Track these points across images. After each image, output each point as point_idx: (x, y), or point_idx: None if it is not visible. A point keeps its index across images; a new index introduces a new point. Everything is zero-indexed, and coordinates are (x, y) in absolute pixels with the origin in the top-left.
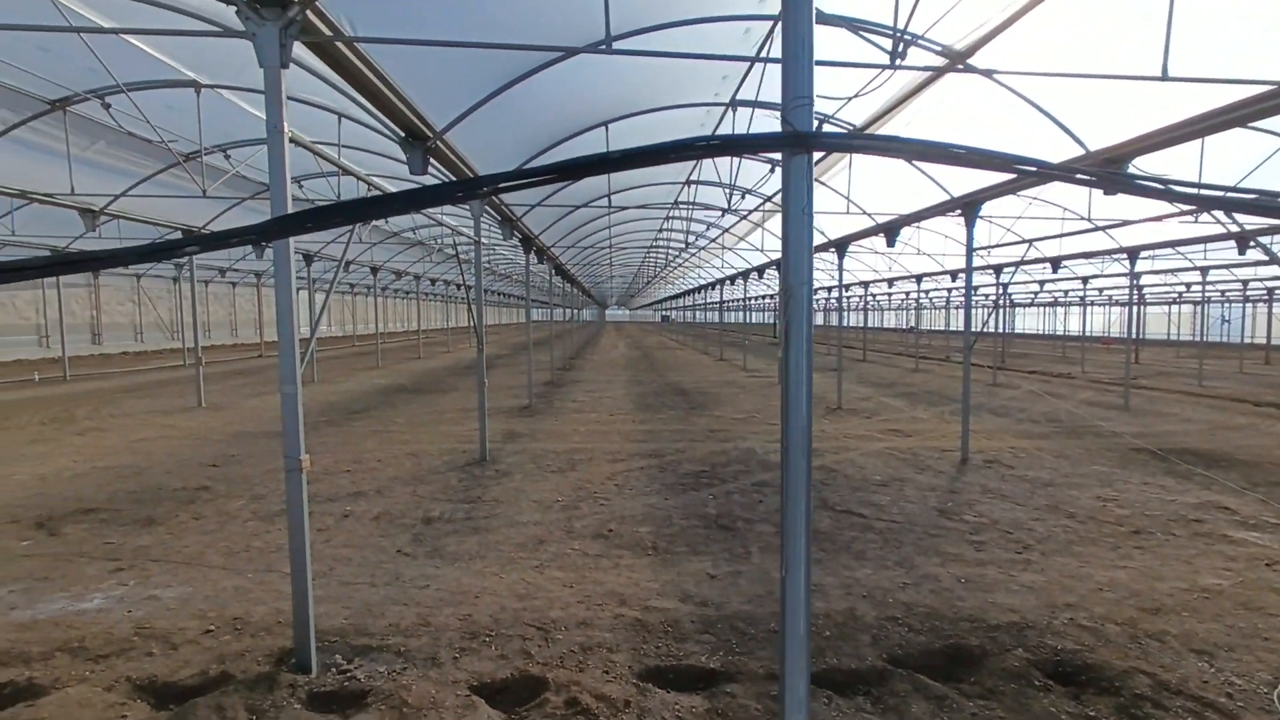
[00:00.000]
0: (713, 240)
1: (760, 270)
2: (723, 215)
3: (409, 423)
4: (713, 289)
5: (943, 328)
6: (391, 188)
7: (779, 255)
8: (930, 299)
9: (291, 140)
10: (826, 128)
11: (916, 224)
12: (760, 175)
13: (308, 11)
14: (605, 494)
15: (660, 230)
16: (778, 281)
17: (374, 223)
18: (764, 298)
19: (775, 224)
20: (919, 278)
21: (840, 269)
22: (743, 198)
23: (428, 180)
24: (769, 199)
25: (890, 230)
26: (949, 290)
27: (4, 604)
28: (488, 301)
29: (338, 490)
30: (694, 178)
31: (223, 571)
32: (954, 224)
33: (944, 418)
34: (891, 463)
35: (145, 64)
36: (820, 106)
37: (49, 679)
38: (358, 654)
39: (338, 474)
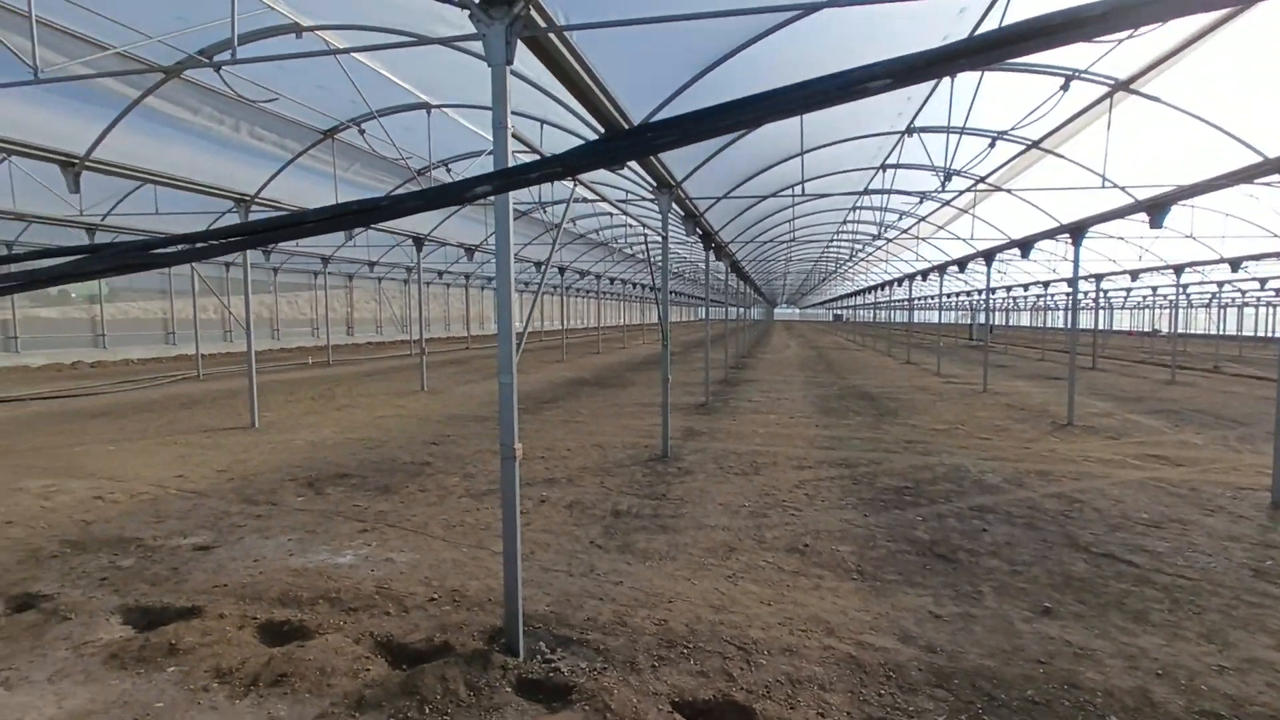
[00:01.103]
0: (904, 231)
1: (962, 263)
2: (920, 202)
3: (593, 414)
4: (898, 285)
5: (1207, 330)
6: (588, 194)
7: (990, 244)
8: (1188, 295)
9: (513, 136)
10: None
11: (1191, 200)
12: (976, 152)
13: (530, 9)
14: (794, 503)
15: (845, 221)
16: (982, 275)
17: (565, 225)
18: (961, 294)
19: (989, 208)
20: (1179, 268)
21: (1076, 260)
22: (947, 180)
23: (626, 177)
24: (982, 180)
25: (1158, 208)
26: (1220, 285)
27: (284, 550)
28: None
29: (534, 475)
30: (891, 160)
31: (442, 543)
32: (1240, 198)
33: (1230, 445)
34: (1161, 499)
35: (391, 92)
36: None
37: (314, 623)
38: (560, 644)
39: (533, 459)
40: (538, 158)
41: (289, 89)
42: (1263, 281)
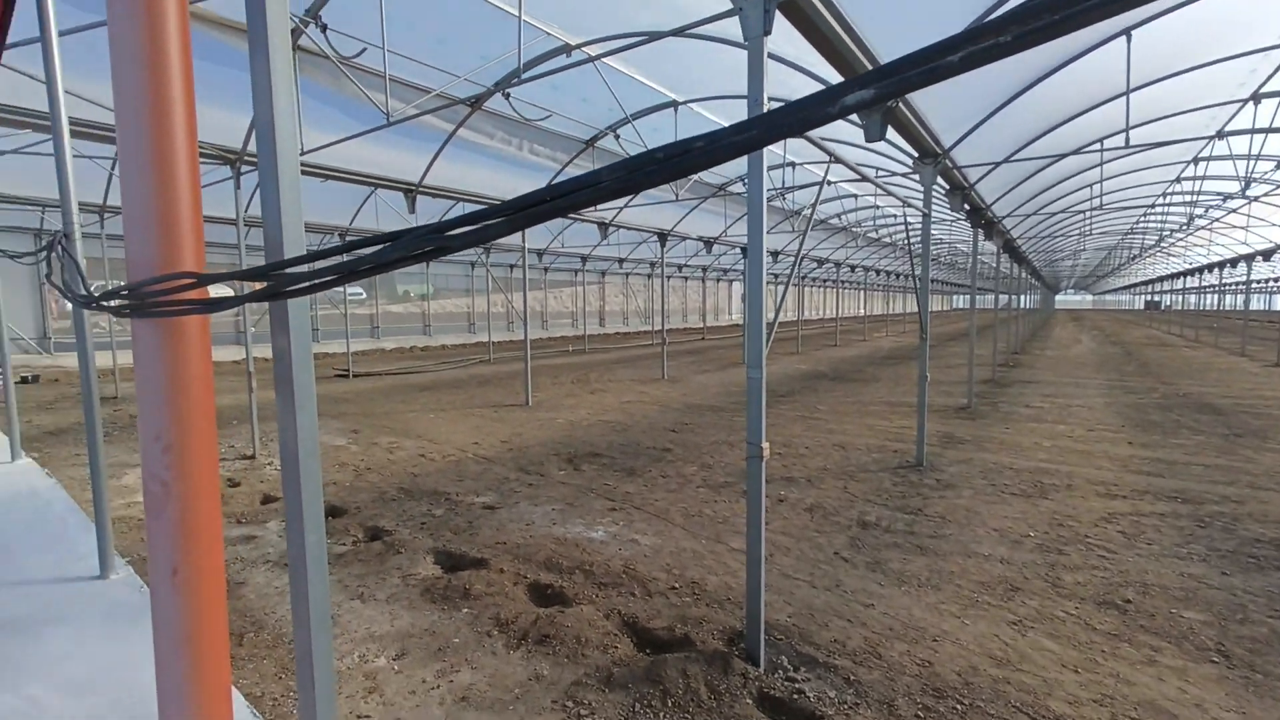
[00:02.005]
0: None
1: None
2: None
3: (832, 411)
4: (1264, 260)
5: None
6: (845, 173)
7: None
8: None
9: None
10: None
11: None
12: None
13: None
14: (1105, 542)
15: (1178, 179)
16: None
17: (804, 212)
18: None
19: None
20: None
21: None
22: None
23: (878, 152)
24: None
25: None
26: None
27: (549, 519)
28: (908, 288)
29: (770, 472)
30: (1272, 87)
31: (682, 531)
32: None
33: None
34: None
35: (642, 96)
36: None
37: (571, 592)
38: (804, 663)
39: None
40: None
41: (559, 106)
42: None
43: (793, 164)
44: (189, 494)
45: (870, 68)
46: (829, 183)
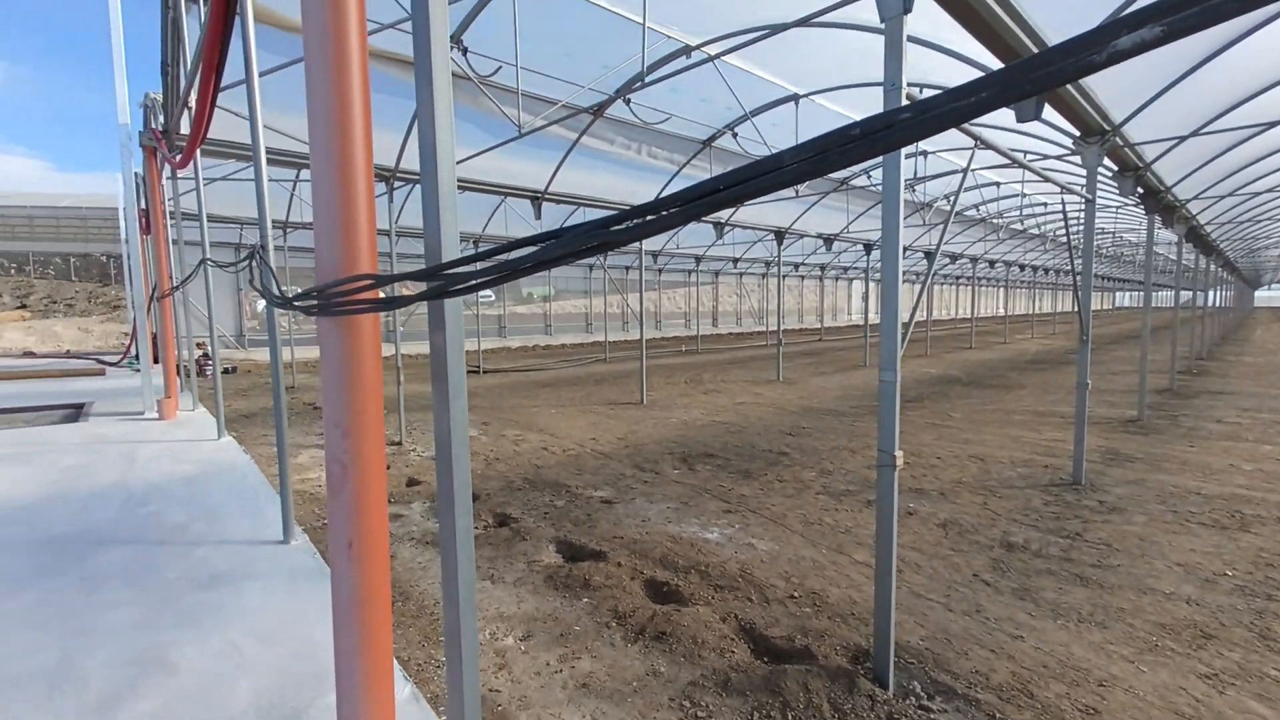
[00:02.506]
0: None
1: None
2: None
3: (967, 419)
4: None
5: None
6: (992, 159)
7: None
8: None
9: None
10: None
11: None
12: None
13: None
14: None
15: None
16: None
17: (937, 204)
18: None
19: None
20: None
21: None
22: None
23: (1030, 134)
24: None
25: None
26: None
27: (664, 516)
28: (1059, 284)
29: (898, 481)
30: None
31: (800, 539)
32: None
33: None
34: None
35: (760, 92)
36: None
37: (687, 591)
38: (940, 693)
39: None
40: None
41: (678, 107)
42: None
43: (924, 153)
44: (363, 475)
45: (1022, 35)
46: (970, 170)
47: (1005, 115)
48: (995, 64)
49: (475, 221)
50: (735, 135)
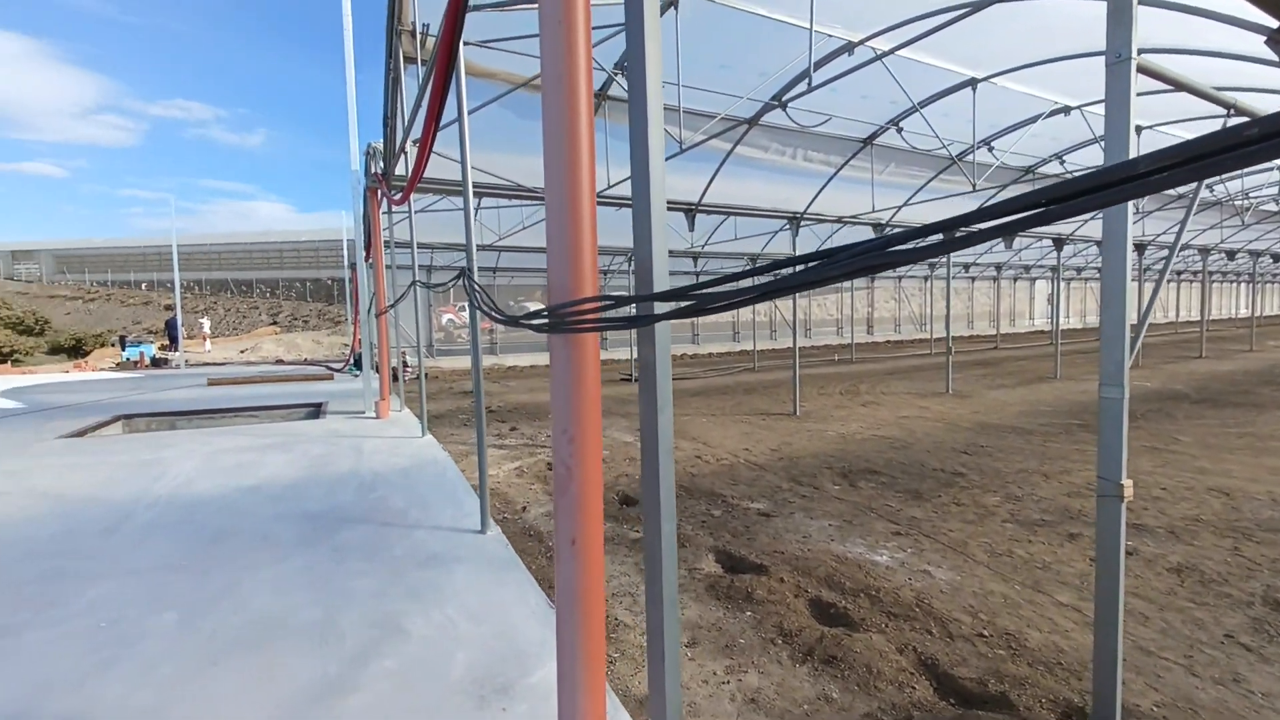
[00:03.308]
0: None
1: None
2: None
3: (1201, 444)
4: None
5: None
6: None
7: None
8: None
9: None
10: None
11: None
12: None
13: None
14: None
15: None
16: None
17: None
18: None
19: None
20: None
21: None
22: None
23: None
24: None
25: None
26: None
27: (826, 534)
28: None
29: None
30: None
31: (987, 571)
32: None
33: None
34: None
35: (931, 80)
36: None
37: (857, 615)
38: None
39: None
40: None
41: (836, 107)
42: None
43: (1138, 128)
44: (585, 478)
45: None
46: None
47: (1269, 74)
48: (1257, 15)
49: (625, 235)
50: (900, 130)
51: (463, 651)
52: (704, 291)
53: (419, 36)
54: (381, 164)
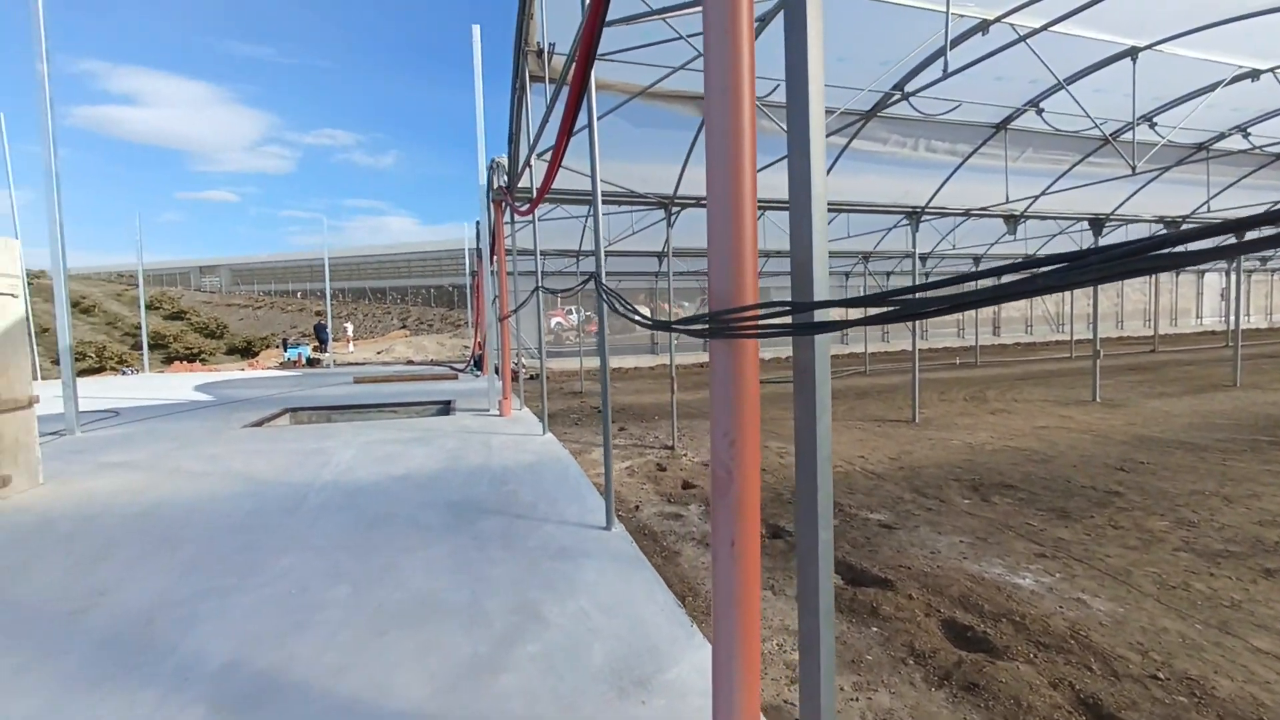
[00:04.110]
0: None
1: None
2: None
3: None
4: None
5: None
6: None
7: None
8: None
9: None
10: None
11: None
12: None
13: None
14: None
15: None
16: None
17: None
18: None
19: None
20: None
21: None
22: None
23: None
24: None
25: None
26: None
27: (957, 551)
28: None
29: None
30: None
31: (1157, 605)
32: None
33: None
34: None
35: (1081, 53)
36: None
37: (999, 642)
38: None
39: None
40: None
41: (965, 92)
42: None
43: None
44: (745, 481)
45: None
46: None
47: None
48: None
49: None
50: (1041, 112)
51: (599, 642)
52: (905, 297)
53: (546, 55)
54: (505, 178)
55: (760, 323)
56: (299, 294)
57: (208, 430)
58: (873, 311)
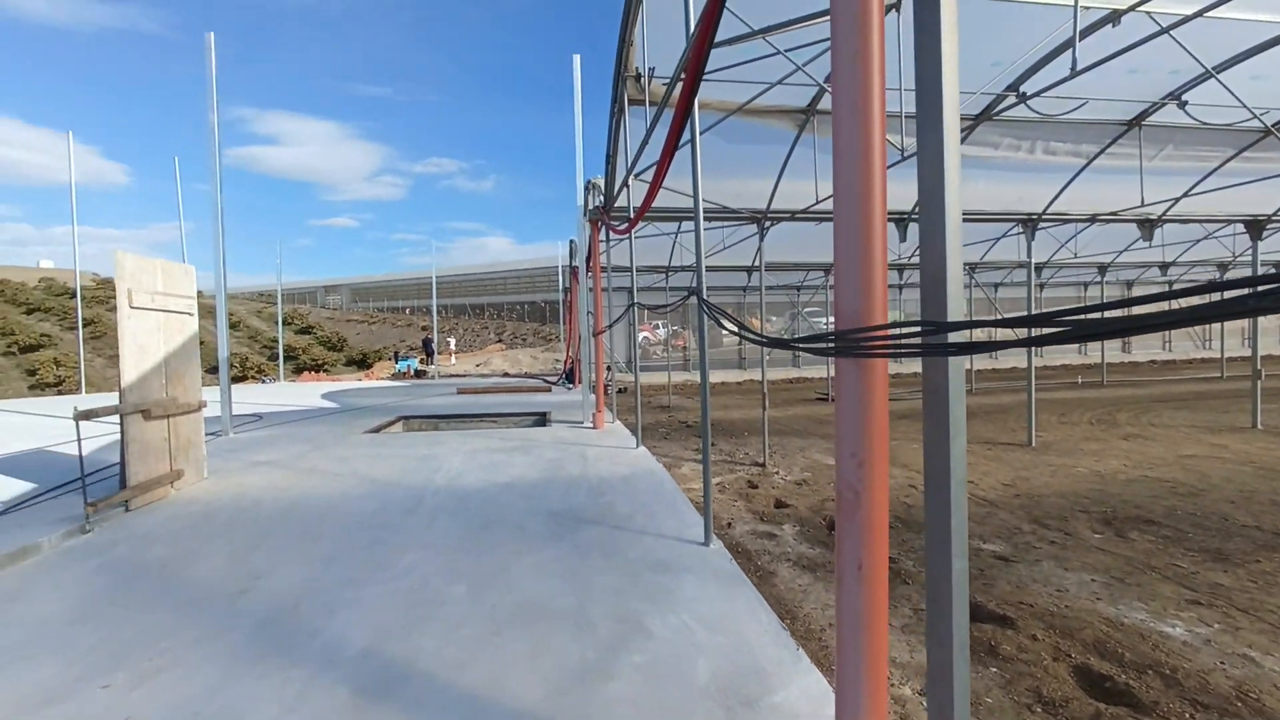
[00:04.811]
0: None
1: None
2: None
3: None
4: None
5: None
6: None
7: None
8: None
9: None
10: None
11: None
12: None
13: None
14: None
15: None
16: None
17: None
18: None
19: None
20: None
21: None
22: None
23: None
24: None
25: None
26: None
27: (1088, 590)
28: None
29: None
30: None
31: None
32: None
33: None
34: None
35: (1233, 36)
36: None
37: (1146, 697)
38: None
39: None
40: None
41: (1090, 88)
42: None
43: None
44: (873, 502)
45: None
46: None
47: None
48: None
49: (828, 250)
50: (1184, 105)
51: (704, 659)
52: (1076, 318)
53: (646, 79)
54: (601, 198)
55: (900, 342)
56: (407, 310)
57: (335, 435)
58: (1042, 331)
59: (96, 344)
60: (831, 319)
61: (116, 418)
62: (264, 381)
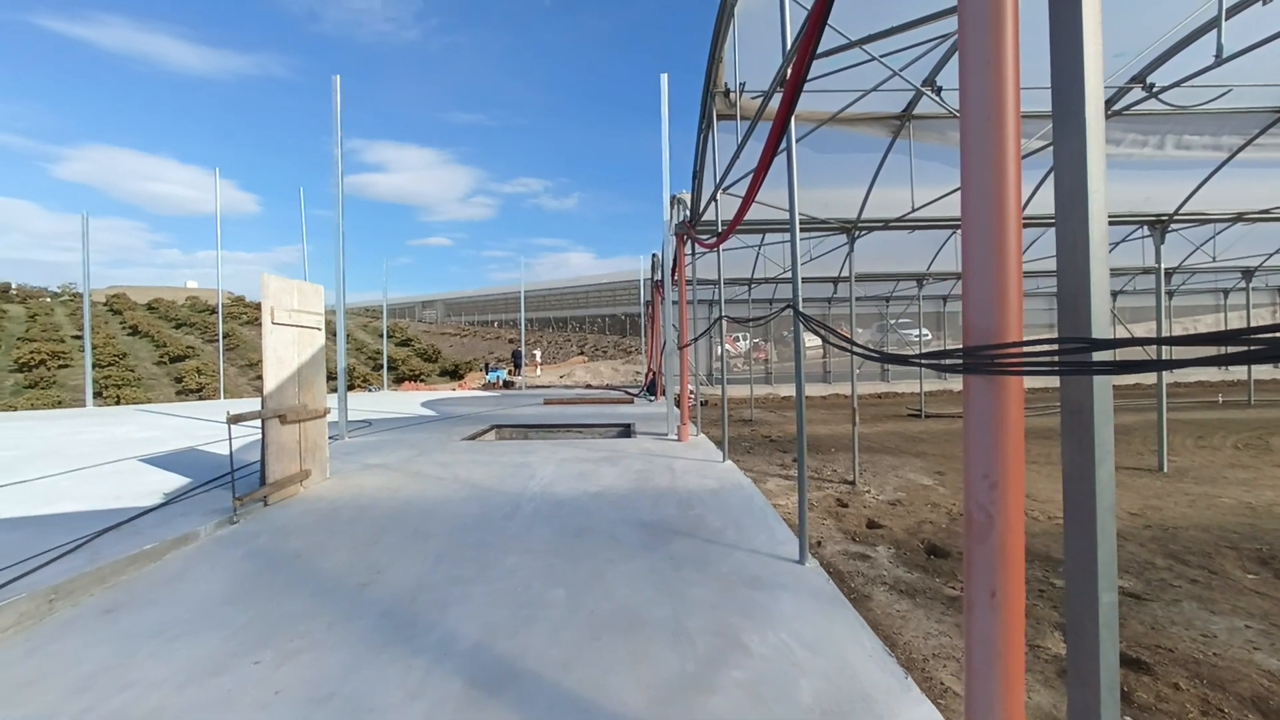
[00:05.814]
0: None
1: None
2: None
3: None
4: None
5: None
6: None
7: None
8: None
9: None
10: None
11: None
12: None
13: None
14: None
15: None
16: None
17: None
18: None
19: None
20: None
21: None
22: None
23: None
24: None
25: None
26: None
27: (1242, 637)
28: None
29: None
30: None
31: None
32: None
33: None
34: None
35: None
36: None
37: None
38: None
39: None
40: None
41: (1229, 76)
42: None
43: None
44: (1008, 526)
45: None
46: None
47: None
48: None
49: (920, 259)
50: None
51: (806, 680)
52: (1270, 335)
53: (736, 94)
54: (686, 212)
55: (1040, 359)
56: (496, 323)
57: (436, 441)
58: (1233, 350)
59: (230, 355)
60: (924, 331)
61: (257, 421)
62: (370, 390)
